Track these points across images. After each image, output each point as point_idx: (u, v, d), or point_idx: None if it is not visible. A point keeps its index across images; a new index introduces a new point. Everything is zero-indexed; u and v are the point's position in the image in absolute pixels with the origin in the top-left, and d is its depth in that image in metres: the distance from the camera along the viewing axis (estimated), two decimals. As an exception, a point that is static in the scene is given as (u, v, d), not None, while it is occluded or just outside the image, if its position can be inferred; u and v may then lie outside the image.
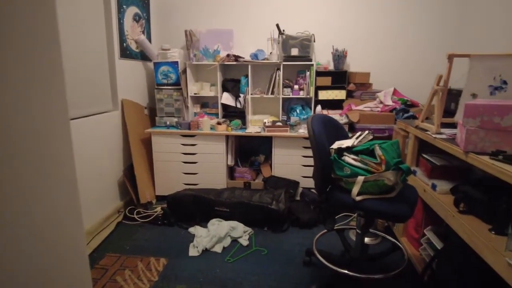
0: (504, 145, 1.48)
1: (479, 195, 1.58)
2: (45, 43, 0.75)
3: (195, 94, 3.41)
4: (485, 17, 2.83)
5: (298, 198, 3.16)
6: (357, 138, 1.97)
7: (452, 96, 2.38)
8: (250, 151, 3.58)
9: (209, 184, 3.20)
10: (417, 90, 3.38)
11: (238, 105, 3.40)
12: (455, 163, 2.00)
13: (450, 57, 1.88)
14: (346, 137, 2.11)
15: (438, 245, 1.98)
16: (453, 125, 2.10)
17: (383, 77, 3.43)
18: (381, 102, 3.13)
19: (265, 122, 3.20)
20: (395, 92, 3.20)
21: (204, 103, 3.61)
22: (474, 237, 1.47)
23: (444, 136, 1.90)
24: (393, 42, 3.41)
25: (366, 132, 2.07)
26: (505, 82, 1.92)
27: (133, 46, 3.20)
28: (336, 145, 1.86)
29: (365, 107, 3.12)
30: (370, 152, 1.77)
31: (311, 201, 2.98)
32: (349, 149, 1.82)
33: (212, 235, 2.51)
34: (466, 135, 1.54)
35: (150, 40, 3.49)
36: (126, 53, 3.07)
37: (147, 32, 3.46)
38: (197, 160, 3.20)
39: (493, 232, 1.47)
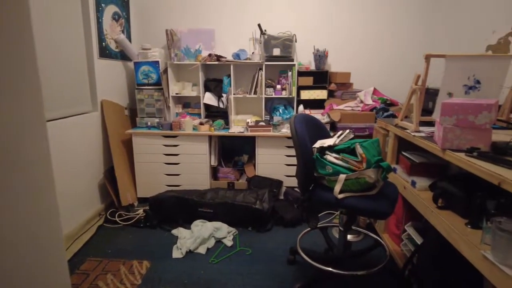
0: (478, 142, 1.53)
1: (455, 191, 1.63)
2: (18, 41, 0.72)
3: (176, 94, 3.37)
4: (460, 18, 2.93)
5: (281, 197, 3.18)
6: (338, 137, 2.00)
7: (430, 95, 2.45)
8: (234, 151, 3.57)
9: (192, 185, 3.17)
10: (396, 89, 3.46)
11: (221, 105, 3.38)
12: (434, 160, 2.06)
13: (427, 57, 1.93)
14: (328, 136, 2.13)
15: (418, 240, 2.04)
16: (431, 123, 2.16)
17: (363, 77, 3.49)
18: (361, 102, 3.18)
19: (248, 122, 3.20)
20: (375, 91, 3.27)
21: (186, 103, 3.58)
22: (452, 231, 1.52)
23: (422, 134, 1.95)
24: (373, 42, 3.48)
25: (347, 131, 2.11)
26: (478, 82, 1.99)
27: (112, 45, 3.14)
28: (318, 144, 1.88)
29: (346, 106, 3.16)
30: (352, 151, 1.80)
31: (294, 200, 3.00)
32: (331, 148, 1.84)
33: (196, 236, 2.49)
34: (443, 133, 1.58)
35: (130, 40, 3.43)
36: (105, 52, 3.01)
37: (127, 31, 3.39)
38: (179, 161, 3.16)
39: (469, 226, 1.52)
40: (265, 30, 3.28)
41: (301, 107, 3.25)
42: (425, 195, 1.89)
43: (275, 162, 3.16)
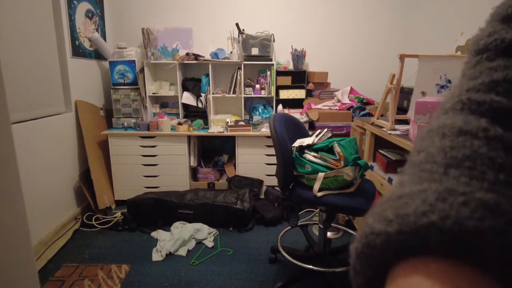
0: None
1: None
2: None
3: (153, 93, 3.31)
4: (434, 19, 3.03)
5: (262, 196, 3.18)
6: (317, 136, 2.03)
7: (405, 94, 2.52)
8: (213, 151, 3.55)
9: (171, 186, 3.13)
10: (373, 88, 3.54)
11: (200, 105, 3.35)
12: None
13: (402, 57, 1.98)
14: (306, 135, 2.16)
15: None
16: (407, 122, 2.23)
17: (340, 76, 3.55)
18: (338, 101, 3.23)
19: (227, 122, 3.19)
20: (351, 90, 3.33)
21: (163, 103, 3.52)
22: None
23: (398, 132, 2.00)
24: (349, 42, 3.54)
25: (325, 130, 2.13)
26: (449, 81, 2.07)
27: (86, 44, 3.05)
28: (297, 143, 1.90)
29: (324, 105, 3.21)
30: (330, 149, 1.83)
31: (275, 199, 3.02)
32: (309, 147, 1.86)
33: (176, 238, 2.46)
34: (418, 131, 1.63)
35: (104, 38, 3.34)
36: (79, 51, 2.92)
37: (102, 29, 3.30)
38: (157, 162, 3.11)
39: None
40: (243, 30, 3.28)
41: (280, 107, 3.27)
42: (401, 191, 1.95)
43: (255, 162, 3.17)
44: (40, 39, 2.47)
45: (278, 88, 3.33)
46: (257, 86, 3.33)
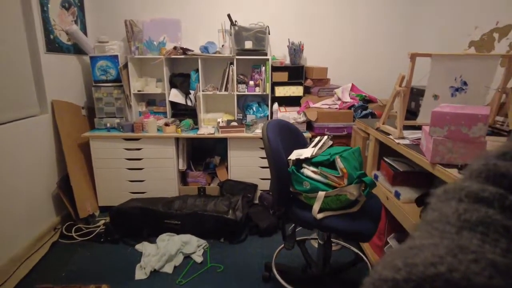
0: (472, 157, 1.37)
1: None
2: None
3: (139, 91, 3.05)
4: (441, 12, 2.77)
5: (256, 201, 2.98)
6: (316, 144, 1.81)
7: (412, 95, 2.29)
8: (204, 152, 3.32)
9: (159, 191, 2.91)
10: (374, 84, 3.31)
11: (189, 103, 3.11)
12: (418, 169, 1.91)
13: (413, 57, 1.74)
14: (304, 143, 1.93)
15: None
16: (415, 127, 2.00)
17: (340, 72, 3.31)
18: (339, 99, 3.00)
19: (219, 122, 2.95)
20: (353, 87, 3.09)
21: (150, 100, 3.27)
22: None
23: (407, 142, 1.78)
24: (350, 35, 3.28)
25: (325, 137, 1.91)
26: (465, 83, 1.84)
27: (63, 38, 2.77)
28: (294, 155, 1.67)
29: (323, 104, 2.97)
30: (331, 164, 1.61)
31: (270, 205, 2.81)
32: (308, 160, 1.64)
33: (162, 253, 2.25)
34: (433, 146, 1.41)
35: (85, 32, 3.06)
36: (54, 46, 2.65)
37: (81, 21, 3.02)
38: (143, 166, 2.88)
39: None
40: (235, 21, 3.01)
41: (275, 105, 3.03)
42: (410, 208, 1.74)
43: (249, 165, 2.95)
44: (6, 32, 2.20)
45: (274, 84, 3.09)
46: (251, 82, 3.08)
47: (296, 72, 3.09)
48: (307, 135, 2.84)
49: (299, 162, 1.65)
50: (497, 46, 2.13)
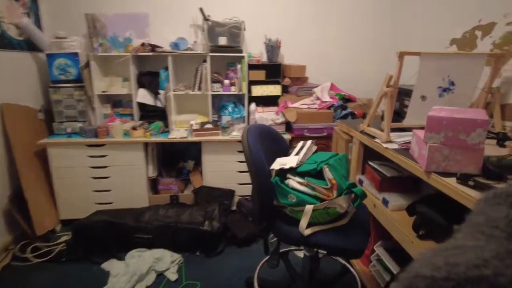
0: (469, 164, 1.27)
1: (440, 220, 1.38)
2: None
3: (103, 92, 2.78)
4: (426, 9, 2.70)
5: (234, 208, 2.81)
6: (299, 150, 1.66)
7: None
8: (177, 156, 3.10)
9: (128, 201, 2.67)
10: (353, 83, 3.22)
11: (159, 104, 2.87)
12: (406, 173, 1.81)
13: (401, 55, 1.63)
14: (286, 149, 1.78)
15: (389, 262, 1.80)
16: (401, 129, 1.90)
17: (318, 70, 3.19)
18: (318, 98, 2.88)
19: (192, 124, 2.74)
20: (332, 86, 2.98)
21: (116, 102, 2.99)
22: None
23: (395, 146, 1.67)
24: (328, 32, 3.16)
25: (309, 142, 1.77)
26: (452, 83, 1.75)
27: (12, 32, 2.46)
28: (277, 165, 1.52)
29: (302, 104, 2.84)
30: (318, 173, 1.46)
31: (248, 212, 2.65)
32: (293, 170, 1.49)
33: (132, 272, 2.03)
34: (429, 153, 1.30)
35: (39, 26, 2.75)
36: (3, 42, 2.36)
37: (35, 14, 2.71)
38: (109, 174, 2.63)
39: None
40: (208, 16, 2.81)
41: (253, 105, 2.86)
42: (400, 217, 1.64)
43: (225, 170, 2.77)
44: None
45: (250, 83, 2.92)
46: (226, 81, 2.89)
47: (273, 70, 2.93)
48: (287, 136, 2.70)
49: (283, 172, 1.50)
50: (479, 44, 2.07)
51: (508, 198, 0.28)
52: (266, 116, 2.85)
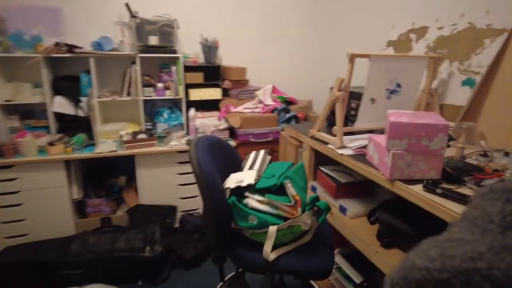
0: (430, 170, 1.25)
1: (406, 229, 1.34)
2: None
3: (7, 101, 2.30)
4: (362, 12, 2.74)
5: (177, 225, 2.55)
6: (253, 163, 1.51)
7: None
8: (105, 172, 2.71)
9: (48, 231, 2.24)
10: (293, 85, 3.17)
11: (80, 113, 2.48)
12: (360, 178, 1.77)
13: (352, 57, 1.57)
14: (238, 161, 1.61)
15: (350, 271, 1.75)
16: (350, 132, 1.86)
17: (259, 73, 3.07)
18: (260, 102, 2.76)
19: (122, 135, 2.41)
20: (273, 89, 2.88)
21: (26, 112, 2.49)
22: None
23: (350, 152, 1.61)
24: (267, 32, 3.07)
25: (262, 152, 1.63)
26: (399, 85, 1.77)
27: None
28: (233, 182, 1.34)
29: (245, 108, 2.70)
30: (279, 189, 1.32)
31: (194, 229, 2.42)
32: (251, 187, 1.33)
33: (57, 320, 1.68)
34: (393, 161, 1.24)
35: None
36: None
37: None
38: (22, 200, 2.18)
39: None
40: (136, 12, 2.49)
41: (192, 111, 2.62)
42: (358, 224, 1.59)
43: (164, 184, 2.49)
44: None
45: (187, 87, 2.68)
46: (160, 85, 2.61)
47: (212, 72, 2.73)
48: (232, 143, 2.53)
49: (239, 191, 1.33)
50: (415, 47, 2.14)
51: (503, 194, 0.28)
52: (207, 122, 2.65)
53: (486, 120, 1.67)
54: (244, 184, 1.31)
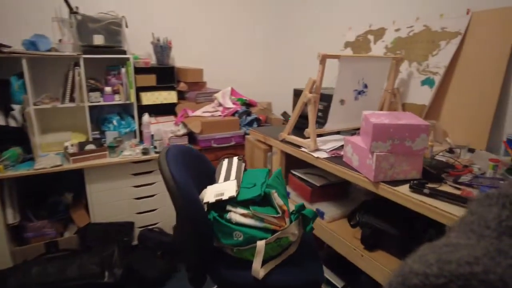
0: (412, 170, 1.25)
1: (388, 229, 1.33)
2: None
3: None
4: (320, 13, 2.75)
5: (135, 242, 2.32)
6: (228, 173, 1.40)
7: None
8: (47, 189, 2.37)
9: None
10: (250, 87, 3.10)
11: (13, 123, 2.13)
12: (334, 180, 1.75)
13: (323, 59, 1.53)
14: (212, 172, 1.48)
15: (330, 276, 1.72)
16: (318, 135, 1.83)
17: (215, 74, 2.94)
18: (220, 105, 2.64)
19: (66, 147, 2.13)
20: (232, 91, 2.78)
21: None
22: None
23: (325, 155, 1.58)
24: (222, 32, 2.95)
25: (236, 159, 1.52)
26: (366, 86, 1.78)
27: None
28: (212, 196, 1.21)
29: (204, 111, 2.55)
30: (264, 199, 1.23)
31: (155, 246, 2.22)
32: (232, 200, 1.21)
33: None
34: (377, 163, 1.22)
35: None
36: None
37: None
38: None
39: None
40: (76, 8, 2.22)
41: (146, 117, 2.40)
42: (338, 227, 1.56)
43: (119, 199, 2.25)
44: None
45: (139, 90, 2.46)
46: (108, 89, 2.35)
47: (165, 74, 2.54)
48: (191, 150, 2.37)
49: (218, 204, 1.20)
50: (373, 48, 2.19)
51: (499, 200, 0.29)
52: (163, 127, 2.45)
53: (446, 118, 1.75)
54: (225, 197, 1.19)
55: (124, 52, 2.34)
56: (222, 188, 1.25)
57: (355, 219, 1.50)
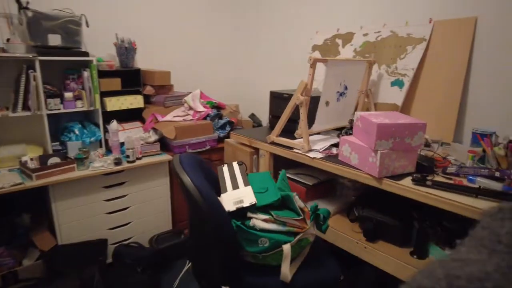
0: (409, 165, 1.37)
1: (389, 221, 1.43)
2: None
3: None
4: (287, 17, 2.80)
5: (110, 260, 2.14)
6: (234, 179, 1.38)
7: (282, 100, 2.17)
8: (-3, 210, 2.06)
9: None
10: (216, 89, 3.05)
11: (-47, 137, 1.81)
12: (324, 177, 1.82)
13: (314, 62, 1.58)
14: (216, 180, 1.43)
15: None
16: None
17: (182, 77, 2.83)
18: (190, 108, 2.56)
19: (25, 162, 1.88)
20: (201, 95, 2.71)
21: None
22: (400, 267, 1.32)
23: (320, 155, 1.63)
24: (187, 33, 2.85)
25: (236, 165, 1.50)
26: (346, 88, 1.88)
27: None
28: (230, 204, 1.18)
29: (175, 116, 2.45)
30: (283, 204, 1.23)
31: (135, 261, 2.07)
32: (252, 206, 1.20)
33: None
34: (381, 160, 1.30)
35: None
36: None
37: None
38: None
39: (415, 257, 1.37)
40: (27, 3, 1.96)
41: (114, 124, 2.20)
42: (334, 223, 1.63)
43: (90, 215, 2.05)
44: None
45: (102, 95, 2.26)
46: (68, 94, 2.12)
47: (131, 77, 2.38)
48: (165, 157, 2.26)
49: (238, 212, 1.18)
50: (342, 51, 2.32)
51: None
52: (131, 134, 2.29)
53: (417, 116, 1.93)
54: (246, 204, 1.17)
55: (87, 54, 2.14)
56: (238, 195, 1.22)
57: (353, 214, 1.58)
